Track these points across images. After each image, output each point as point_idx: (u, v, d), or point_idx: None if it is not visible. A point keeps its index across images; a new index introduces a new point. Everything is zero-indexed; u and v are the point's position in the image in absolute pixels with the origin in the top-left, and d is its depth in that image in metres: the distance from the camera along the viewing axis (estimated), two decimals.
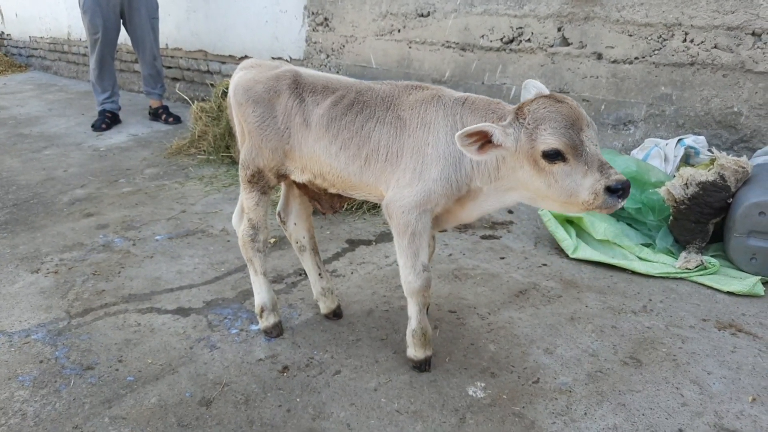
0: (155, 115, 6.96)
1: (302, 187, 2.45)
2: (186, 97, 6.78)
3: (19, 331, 2.67)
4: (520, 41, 4.45)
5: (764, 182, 2.97)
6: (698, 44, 3.68)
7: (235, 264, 3.31)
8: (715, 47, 3.62)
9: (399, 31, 5.19)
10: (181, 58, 7.92)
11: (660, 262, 3.12)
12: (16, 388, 2.30)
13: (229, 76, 7.12)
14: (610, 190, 1.73)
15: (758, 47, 3.49)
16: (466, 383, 2.28)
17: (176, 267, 3.29)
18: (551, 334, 2.59)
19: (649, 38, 3.86)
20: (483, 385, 2.27)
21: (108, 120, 6.59)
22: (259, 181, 2.36)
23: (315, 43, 5.96)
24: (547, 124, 1.77)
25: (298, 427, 2.08)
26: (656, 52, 3.85)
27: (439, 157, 2.04)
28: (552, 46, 4.30)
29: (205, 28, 7.41)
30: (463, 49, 4.79)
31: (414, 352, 2.33)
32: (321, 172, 2.26)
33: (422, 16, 4.98)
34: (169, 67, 8.01)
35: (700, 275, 2.99)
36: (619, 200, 1.76)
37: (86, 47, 9.09)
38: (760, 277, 2.88)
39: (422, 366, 2.34)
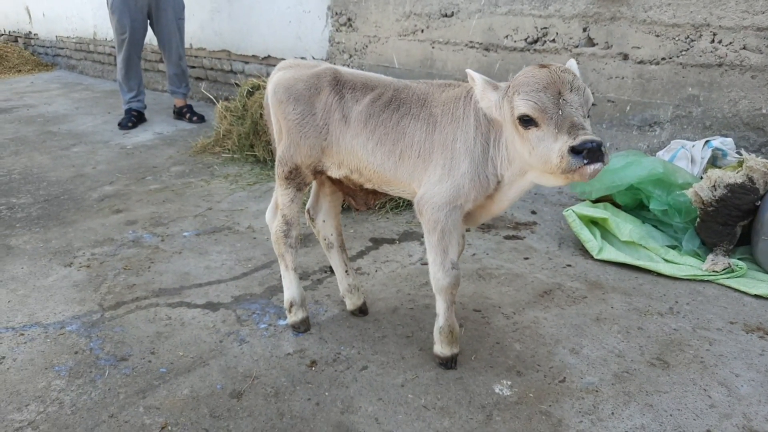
0: (180, 114, 7.07)
1: (337, 184, 2.49)
2: (211, 96, 6.88)
3: (54, 323, 2.75)
4: (545, 42, 4.45)
5: None
6: (726, 45, 3.65)
7: (262, 260, 3.37)
8: (744, 48, 3.59)
9: (422, 31, 5.21)
10: (205, 57, 8.03)
11: (686, 265, 3.11)
12: (53, 377, 2.37)
13: (253, 75, 7.24)
14: (575, 151, 1.66)
15: None
16: (493, 381, 2.30)
17: (204, 263, 3.35)
18: (577, 334, 2.59)
19: (677, 39, 3.84)
20: (509, 383, 2.29)
21: (134, 118, 6.71)
22: (295, 178, 2.41)
23: (338, 43, 6.01)
24: (523, 89, 1.78)
25: (327, 421, 2.12)
26: (683, 52, 3.83)
27: (468, 151, 2.07)
28: (577, 46, 4.29)
29: (228, 28, 7.50)
30: (487, 50, 4.80)
31: (441, 348, 2.35)
32: (358, 167, 2.30)
33: (446, 16, 5.00)
34: (193, 67, 8.12)
35: (727, 278, 2.97)
36: (584, 161, 1.66)
37: (112, 47, 9.26)
38: None
39: (449, 363, 2.36)
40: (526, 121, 1.78)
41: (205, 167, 5.20)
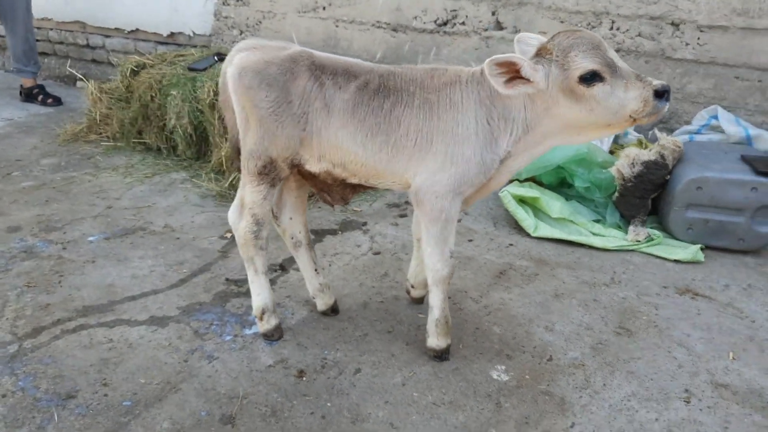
0: (29, 95, 6.06)
1: (309, 178, 2.29)
2: (80, 76, 5.99)
3: None
4: (455, 24, 4.52)
5: (698, 160, 3.34)
6: (624, 32, 4.00)
7: (197, 264, 3.04)
8: (639, 35, 3.96)
9: (324, 8, 5.01)
10: (52, 29, 6.96)
11: (612, 236, 3.39)
12: None
13: (117, 51, 6.45)
14: (658, 94, 1.81)
15: (677, 36, 3.87)
16: (488, 368, 2.32)
17: (128, 271, 2.94)
18: (544, 311, 2.71)
19: (579, 25, 4.11)
20: (503, 368, 2.33)
21: None
22: (270, 173, 2.17)
23: (226, 17, 5.55)
24: (577, 50, 1.83)
25: None
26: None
27: (470, 136, 2.03)
28: (486, 29, 4.42)
29: None
30: (395, 30, 4.75)
31: (437, 341, 2.31)
32: (342, 161, 2.13)
33: None
34: (37, 40, 6.99)
35: (649, 246, 3.30)
36: (666, 102, 1.83)
37: None
38: (699, 245, 3.24)
39: (443, 355, 2.33)
40: (590, 78, 1.81)
41: (84, 158, 4.54)
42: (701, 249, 3.24)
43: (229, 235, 3.34)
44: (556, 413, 2.10)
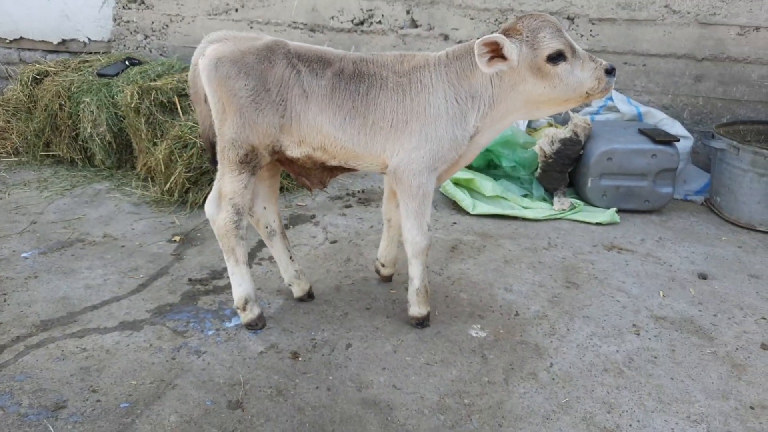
0: None
1: (288, 164, 2.35)
2: None
3: None
4: (371, 23, 4.71)
5: (605, 135, 3.79)
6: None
7: (152, 268, 2.95)
8: None
9: (236, 10, 4.98)
10: None
11: (540, 208, 3.75)
12: None
13: (4, 62, 5.92)
14: (608, 71, 2.10)
15: (573, 29, 4.35)
16: (465, 328, 2.52)
17: (79, 283, 2.79)
18: (500, 276, 2.96)
19: (488, 21, 4.48)
20: (479, 326, 2.53)
21: None
22: (251, 161, 2.20)
23: (128, 22, 5.32)
24: (545, 31, 2.07)
25: (351, 400, 2.07)
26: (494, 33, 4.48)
27: (441, 115, 2.21)
28: (402, 27, 4.66)
29: None
30: (313, 30, 4.85)
31: (418, 309, 2.46)
32: (322, 144, 2.22)
33: None
34: None
35: (573, 213, 3.69)
36: (613, 78, 2.11)
37: None
38: (614, 209, 3.68)
39: (424, 321, 2.49)
40: (556, 58, 2.04)
41: None
42: (616, 212, 3.68)
43: (177, 238, 3.27)
44: (535, 357, 2.34)
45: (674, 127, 4.02)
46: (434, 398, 2.10)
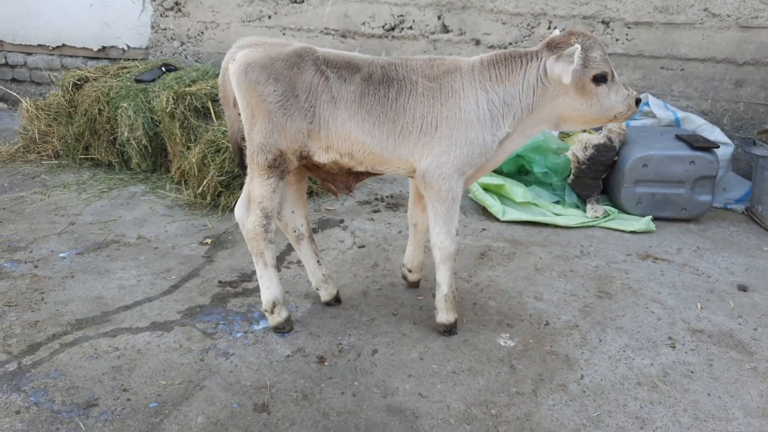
0: None
1: (315, 170, 2.36)
2: (15, 95, 5.63)
3: None
4: (402, 28, 4.71)
5: (640, 141, 3.70)
6: (561, 31, 4.34)
7: (184, 270, 2.99)
8: None
9: (269, 17, 5.05)
10: None
11: (572, 215, 3.68)
12: None
13: (40, 69, 6.13)
14: (637, 102, 2.23)
15: (607, 33, 4.26)
16: (493, 336, 2.48)
17: (114, 283, 2.85)
18: (530, 284, 2.91)
19: (520, 26, 4.43)
20: (508, 335, 2.49)
21: None
22: (279, 166, 2.22)
23: (164, 29, 5.45)
24: (597, 52, 2.15)
25: (375, 407, 2.06)
26: (526, 38, 4.44)
27: (472, 120, 2.20)
28: (433, 33, 4.65)
29: None
30: (344, 36, 4.88)
31: (446, 316, 2.44)
32: (350, 150, 2.23)
33: (296, 2, 4.93)
34: None
35: (606, 221, 3.61)
36: (639, 109, 2.33)
37: None
38: (650, 217, 3.59)
39: (452, 329, 2.46)
40: (600, 79, 2.13)
41: (27, 178, 4.30)
42: (652, 220, 3.58)
43: (208, 241, 3.31)
44: (565, 369, 2.29)
45: (714, 133, 3.90)
46: (460, 408, 2.08)
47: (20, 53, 6.24)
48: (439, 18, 4.60)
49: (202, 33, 5.33)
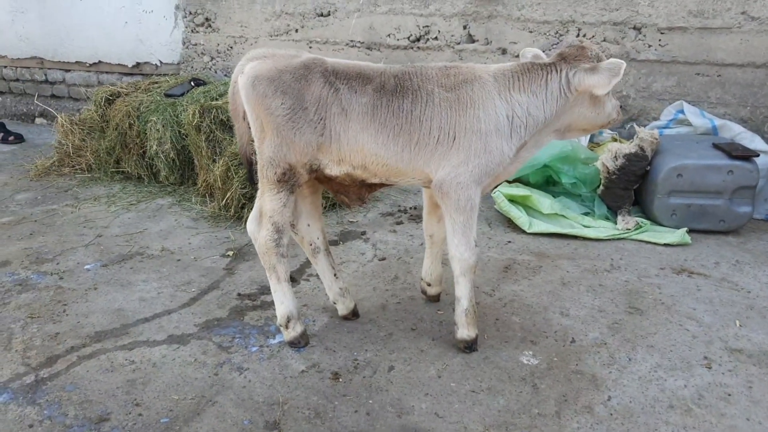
0: None
1: (327, 182, 2.32)
2: (50, 110, 5.83)
3: None
4: (428, 39, 4.67)
5: (674, 150, 3.54)
6: (590, 38, 4.23)
7: (205, 282, 2.99)
8: (605, 40, 4.20)
9: (297, 31, 5.08)
10: (6, 67, 6.77)
11: (602, 227, 3.54)
12: None
13: (78, 85, 6.32)
14: (621, 107, 2.26)
15: (639, 39, 4.13)
16: (516, 354, 2.38)
17: (135, 295, 2.86)
18: (556, 299, 2.80)
19: (548, 34, 4.33)
20: (531, 353, 2.39)
21: None
22: (290, 180, 2.19)
23: (195, 45, 5.55)
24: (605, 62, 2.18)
25: (389, 427, 1.99)
26: (555, 46, 4.33)
27: (491, 131, 2.13)
28: (459, 43, 4.59)
29: (39, 31, 6.42)
30: (369, 48, 4.87)
31: (467, 332, 2.35)
32: (363, 163, 2.18)
33: (322, 15, 4.95)
34: None
35: (638, 233, 3.46)
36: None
37: None
38: (685, 229, 3.42)
39: (472, 345, 2.38)
40: None
41: (60, 191, 4.40)
42: (687, 232, 3.41)
43: (230, 253, 3.31)
44: (591, 389, 2.17)
45: (753, 142, 3.71)
46: (478, 429, 1.98)
47: (59, 70, 6.46)
48: (464, 28, 4.54)
49: (231, 48, 5.41)
